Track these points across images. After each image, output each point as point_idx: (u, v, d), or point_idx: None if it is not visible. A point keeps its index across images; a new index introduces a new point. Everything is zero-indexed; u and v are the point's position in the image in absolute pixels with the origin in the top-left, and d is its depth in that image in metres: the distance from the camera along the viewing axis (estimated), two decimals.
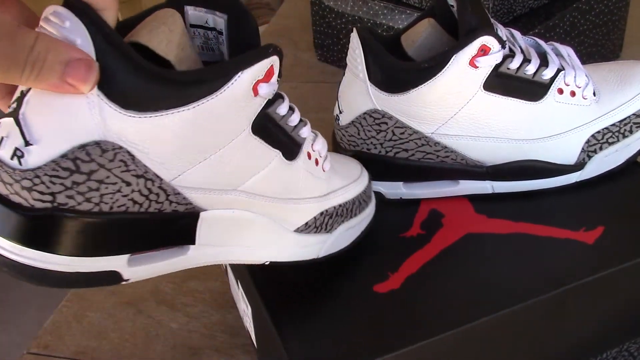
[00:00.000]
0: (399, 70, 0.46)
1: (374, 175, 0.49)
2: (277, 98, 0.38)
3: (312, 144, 0.42)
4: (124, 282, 0.37)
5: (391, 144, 0.48)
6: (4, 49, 0.27)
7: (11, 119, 0.31)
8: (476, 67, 0.45)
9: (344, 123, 0.49)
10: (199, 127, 0.34)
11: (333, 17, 0.80)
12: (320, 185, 0.42)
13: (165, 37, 0.35)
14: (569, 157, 0.49)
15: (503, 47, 0.46)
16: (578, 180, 0.50)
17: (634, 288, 0.45)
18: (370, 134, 0.48)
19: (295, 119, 0.40)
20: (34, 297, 1.83)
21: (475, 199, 0.50)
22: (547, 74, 0.47)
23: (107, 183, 0.32)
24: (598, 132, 0.49)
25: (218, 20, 0.37)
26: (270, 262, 0.41)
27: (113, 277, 0.36)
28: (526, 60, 0.47)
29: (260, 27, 1.66)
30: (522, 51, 0.48)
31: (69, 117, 0.31)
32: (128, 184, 0.33)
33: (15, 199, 0.31)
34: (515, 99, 0.47)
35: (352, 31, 0.47)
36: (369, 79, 0.46)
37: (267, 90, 0.36)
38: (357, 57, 0.47)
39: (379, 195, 0.50)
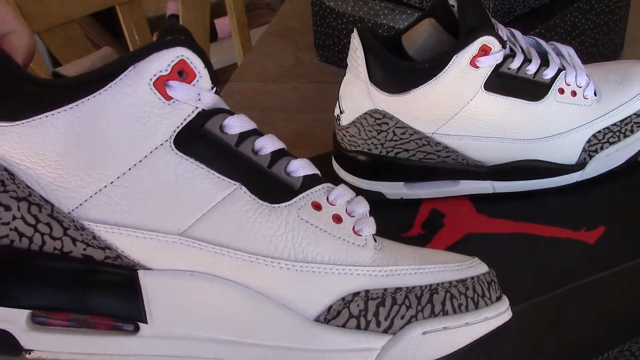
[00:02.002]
0: (399, 71, 0.46)
1: (375, 176, 0.49)
2: (226, 114, 0.30)
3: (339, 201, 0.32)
4: (27, 356, 0.27)
5: (392, 144, 0.49)
6: None
7: None
8: (477, 67, 0.45)
9: (345, 123, 0.49)
10: (82, 135, 0.27)
11: (334, 18, 0.80)
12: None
13: (82, 67, 0.31)
14: (570, 156, 0.49)
15: (504, 47, 0.46)
16: (579, 179, 0.50)
17: (635, 288, 0.45)
18: (371, 134, 0.48)
19: (266, 146, 0.31)
20: None
21: (476, 199, 0.50)
22: (548, 73, 0.47)
23: None
24: (599, 131, 0.49)
25: None
26: None
27: (6, 341, 0.27)
28: (527, 60, 0.47)
29: (260, 27, 1.66)
30: (523, 51, 0.48)
31: None
32: (7, 208, 0.27)
33: None
34: (516, 99, 0.47)
35: (352, 31, 0.47)
36: (370, 79, 0.46)
37: (184, 94, 0.28)
38: (357, 57, 0.47)
39: (379, 195, 0.50)
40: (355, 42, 0.47)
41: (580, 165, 0.49)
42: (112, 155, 0.27)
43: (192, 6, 1.08)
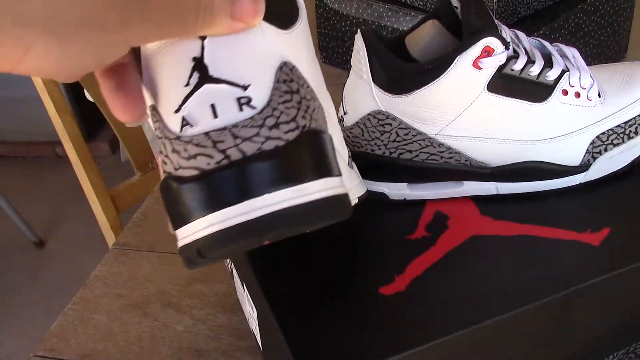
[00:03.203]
0: (402, 72, 0.46)
1: (378, 177, 0.49)
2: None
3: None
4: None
5: (395, 145, 0.48)
6: (176, 5, 0.26)
7: (211, 86, 0.29)
8: (480, 68, 0.45)
9: (349, 124, 0.49)
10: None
11: (337, 20, 0.80)
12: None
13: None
14: (574, 158, 0.49)
15: (507, 48, 0.46)
16: (583, 181, 0.50)
17: None
18: (374, 135, 0.48)
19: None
20: (40, 300, 1.83)
21: (480, 201, 0.50)
22: (552, 75, 0.47)
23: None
24: (603, 133, 0.49)
25: None
26: None
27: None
28: (530, 62, 0.47)
29: None
30: (527, 52, 0.48)
31: (254, 48, 0.30)
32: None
33: (269, 145, 0.29)
34: (519, 100, 0.47)
35: (356, 33, 0.47)
36: (373, 80, 0.46)
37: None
38: (361, 58, 0.47)
39: (383, 196, 0.50)
40: (359, 43, 0.47)
41: (584, 166, 0.49)
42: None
43: None
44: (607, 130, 0.49)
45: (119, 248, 0.66)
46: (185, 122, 0.29)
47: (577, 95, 0.48)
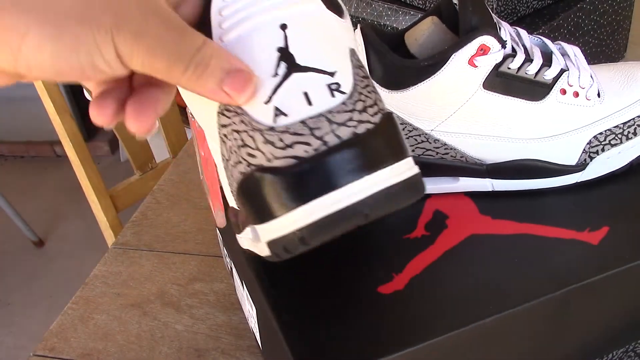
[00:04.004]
0: (399, 68, 0.46)
1: None
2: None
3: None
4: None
5: None
6: (173, 43, 0.26)
7: (300, 74, 0.29)
8: (475, 66, 0.45)
9: None
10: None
11: None
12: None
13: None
14: (570, 157, 0.49)
15: (503, 46, 0.46)
16: (579, 180, 0.50)
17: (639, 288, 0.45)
18: None
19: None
20: (40, 300, 1.83)
21: (480, 200, 0.50)
22: (550, 74, 0.47)
23: None
24: (600, 133, 0.49)
25: None
26: None
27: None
28: (528, 60, 0.47)
29: None
30: (526, 51, 0.48)
31: (331, 35, 0.30)
32: None
33: (361, 128, 0.29)
34: (515, 99, 0.47)
35: (355, 29, 0.47)
36: (371, 75, 0.47)
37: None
38: (359, 53, 0.47)
39: None
40: (358, 38, 0.47)
41: (580, 166, 0.49)
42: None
43: None
44: (605, 131, 0.49)
45: (118, 247, 0.66)
46: (278, 112, 0.29)
47: (576, 94, 0.48)
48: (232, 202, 0.36)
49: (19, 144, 2.38)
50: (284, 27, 0.29)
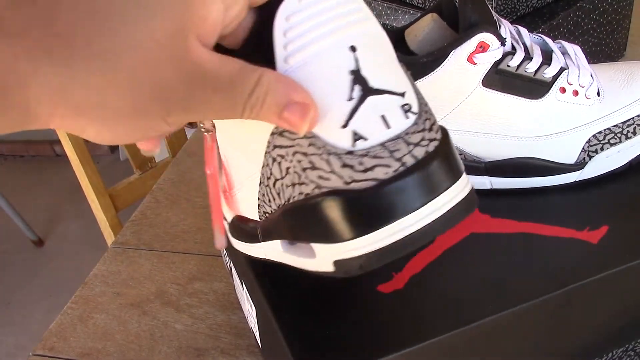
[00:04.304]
0: None
1: None
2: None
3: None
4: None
5: None
6: (223, 99, 0.27)
7: (375, 97, 0.29)
8: (474, 63, 0.45)
9: None
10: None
11: None
12: None
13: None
14: (569, 156, 0.49)
15: (503, 44, 0.46)
16: (578, 179, 0.50)
17: (639, 287, 0.45)
18: None
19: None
20: (40, 299, 1.83)
21: (479, 199, 0.50)
22: (549, 72, 0.47)
23: None
24: (600, 132, 0.49)
25: None
26: None
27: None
28: (528, 58, 0.47)
29: None
30: (526, 48, 0.48)
31: (391, 55, 0.31)
32: None
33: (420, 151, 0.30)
34: (514, 96, 0.47)
35: None
36: None
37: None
38: None
39: None
40: None
41: (579, 165, 0.49)
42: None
43: None
44: (604, 130, 0.49)
45: (118, 247, 0.66)
46: (357, 136, 0.30)
47: (575, 93, 0.48)
48: (253, 215, 0.37)
49: (18, 143, 2.38)
50: (353, 49, 0.29)
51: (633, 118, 0.49)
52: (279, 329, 0.40)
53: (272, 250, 0.37)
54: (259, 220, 0.37)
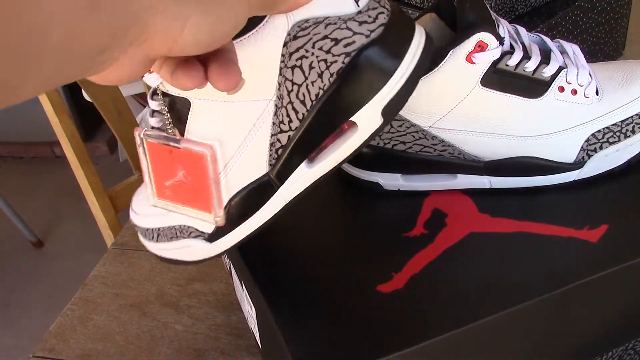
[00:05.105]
0: None
1: (372, 166, 0.49)
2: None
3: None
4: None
5: (389, 136, 0.49)
6: (243, 8, 0.29)
7: None
8: (473, 62, 0.45)
9: None
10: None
11: None
12: None
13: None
14: (568, 155, 0.49)
15: (501, 43, 0.46)
16: (577, 178, 0.50)
17: (639, 286, 0.45)
18: None
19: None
20: (39, 301, 1.83)
21: (479, 198, 0.50)
22: (548, 71, 0.47)
23: None
24: (598, 131, 0.49)
25: None
26: None
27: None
28: (526, 57, 0.47)
29: None
30: (524, 48, 0.48)
31: None
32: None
33: None
34: (513, 96, 0.47)
35: None
36: None
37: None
38: None
39: (377, 186, 0.50)
40: None
41: (578, 164, 0.49)
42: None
43: None
44: (603, 129, 0.49)
45: (117, 248, 0.66)
46: None
47: (574, 92, 0.48)
48: (252, 177, 0.41)
49: (17, 145, 2.38)
50: None
51: (632, 117, 0.49)
52: (278, 330, 0.40)
53: (295, 182, 0.41)
54: (264, 174, 0.41)
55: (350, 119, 0.39)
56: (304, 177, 0.41)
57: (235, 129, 0.39)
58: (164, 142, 0.40)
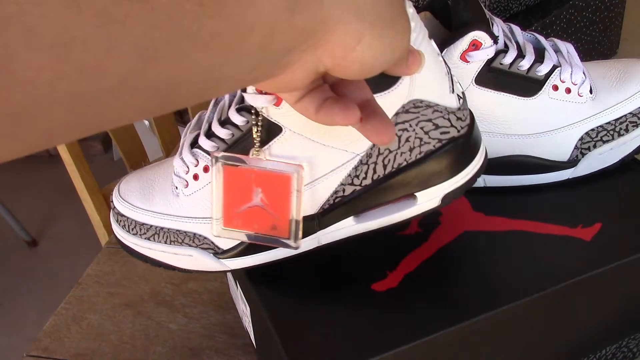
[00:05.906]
0: None
1: None
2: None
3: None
4: None
5: None
6: (402, 40, 0.30)
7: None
8: (467, 61, 0.45)
9: None
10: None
11: None
12: None
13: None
14: (562, 153, 0.49)
15: (495, 42, 0.46)
16: (571, 177, 0.50)
17: (632, 284, 0.45)
18: None
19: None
20: (34, 300, 1.83)
21: (473, 197, 0.50)
22: (542, 70, 0.47)
23: None
24: (592, 129, 0.49)
25: None
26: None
27: None
28: (520, 56, 0.47)
29: None
30: (518, 46, 0.48)
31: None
32: None
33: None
34: (507, 94, 0.47)
35: None
36: None
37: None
38: None
39: None
40: None
41: (572, 162, 0.49)
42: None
43: None
44: (597, 127, 0.49)
45: (112, 247, 0.66)
46: (459, 97, 0.42)
47: (568, 91, 0.48)
48: (309, 211, 0.42)
49: None
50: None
51: (625, 115, 0.49)
52: (273, 329, 0.40)
53: (336, 231, 0.43)
54: (313, 214, 0.42)
55: (415, 193, 0.42)
56: (346, 228, 0.43)
57: (313, 166, 0.41)
58: (242, 164, 0.40)
